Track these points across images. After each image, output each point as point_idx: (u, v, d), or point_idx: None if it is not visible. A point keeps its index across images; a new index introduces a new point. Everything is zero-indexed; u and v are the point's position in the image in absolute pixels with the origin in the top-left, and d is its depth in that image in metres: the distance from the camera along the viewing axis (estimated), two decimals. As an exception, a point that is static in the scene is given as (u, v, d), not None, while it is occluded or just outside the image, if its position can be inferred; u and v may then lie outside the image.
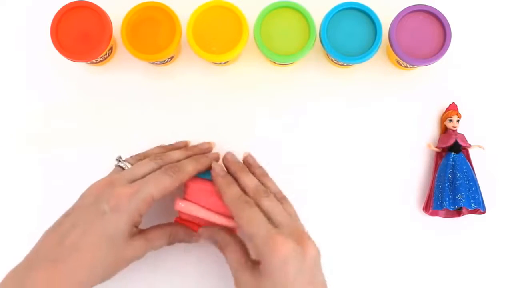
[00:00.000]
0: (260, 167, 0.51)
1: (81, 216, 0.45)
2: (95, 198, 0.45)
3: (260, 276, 0.44)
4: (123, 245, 0.45)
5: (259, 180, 0.49)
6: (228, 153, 0.51)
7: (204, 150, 0.54)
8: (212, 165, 0.50)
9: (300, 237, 0.44)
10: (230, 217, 0.48)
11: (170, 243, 0.49)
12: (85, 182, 0.55)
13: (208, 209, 0.49)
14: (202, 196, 0.49)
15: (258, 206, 0.46)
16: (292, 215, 0.48)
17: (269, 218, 0.45)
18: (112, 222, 0.44)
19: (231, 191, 0.47)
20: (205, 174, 0.50)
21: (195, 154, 0.52)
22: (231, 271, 0.46)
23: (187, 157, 0.50)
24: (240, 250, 0.47)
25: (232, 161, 0.51)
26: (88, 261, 0.43)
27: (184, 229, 0.50)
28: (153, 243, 0.48)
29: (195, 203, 0.49)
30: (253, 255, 0.46)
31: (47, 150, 0.57)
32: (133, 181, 0.46)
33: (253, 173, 0.50)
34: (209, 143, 0.55)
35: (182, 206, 0.48)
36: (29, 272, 0.43)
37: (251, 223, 0.44)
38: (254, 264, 0.45)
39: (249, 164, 0.51)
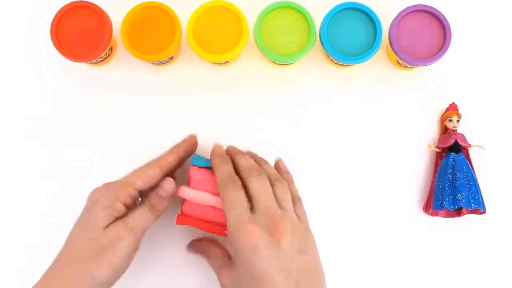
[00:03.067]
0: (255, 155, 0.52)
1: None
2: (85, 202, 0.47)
3: (235, 268, 0.44)
4: (101, 232, 0.44)
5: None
6: (216, 145, 0.51)
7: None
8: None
9: (274, 226, 0.43)
10: None
11: (154, 214, 0.47)
12: (85, 181, 0.55)
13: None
14: (204, 186, 0.49)
15: (246, 186, 0.46)
16: (282, 198, 0.46)
17: (251, 200, 0.45)
18: (90, 212, 0.45)
19: (222, 170, 0.47)
20: (208, 163, 0.50)
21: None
22: (216, 275, 0.47)
23: None
24: (220, 254, 0.48)
25: (223, 149, 0.50)
26: (72, 256, 0.44)
27: (156, 192, 0.47)
28: (134, 219, 0.45)
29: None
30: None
31: (47, 150, 0.57)
32: None
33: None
34: (188, 136, 0.53)
35: (184, 191, 0.48)
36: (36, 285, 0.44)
37: (229, 205, 0.45)
38: (233, 264, 0.45)
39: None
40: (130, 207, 0.46)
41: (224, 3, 0.53)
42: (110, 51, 0.56)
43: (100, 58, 0.55)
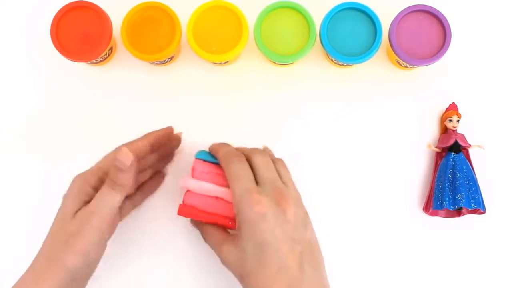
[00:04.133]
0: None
1: None
2: None
3: (239, 237, 0.44)
4: (70, 219, 0.45)
5: None
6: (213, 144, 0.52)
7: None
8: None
9: (280, 196, 0.44)
10: None
11: (116, 189, 0.45)
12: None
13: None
14: (209, 178, 0.49)
15: (250, 162, 0.47)
16: (283, 175, 0.48)
17: (255, 174, 0.46)
18: (63, 202, 0.47)
19: (225, 148, 0.48)
20: (212, 158, 0.50)
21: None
22: (216, 253, 0.47)
23: None
24: (218, 231, 0.47)
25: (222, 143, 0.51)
26: (46, 247, 0.45)
27: (113, 165, 0.45)
28: (96, 201, 0.45)
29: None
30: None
31: (47, 150, 0.57)
32: None
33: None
34: (166, 127, 0.52)
35: (187, 181, 0.48)
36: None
37: (234, 177, 0.45)
38: (235, 236, 0.45)
39: None
40: None
41: (224, 3, 0.53)
42: (110, 51, 0.56)
43: (100, 58, 0.55)
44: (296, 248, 0.43)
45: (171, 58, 0.56)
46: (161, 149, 0.52)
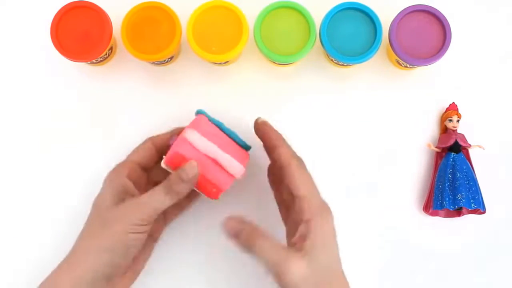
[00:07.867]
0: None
1: None
2: None
3: (309, 253, 0.41)
4: (108, 206, 0.46)
5: None
6: (260, 120, 0.50)
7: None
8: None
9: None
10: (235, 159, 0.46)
11: (169, 194, 0.45)
12: (84, 181, 0.55)
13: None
14: (213, 139, 0.46)
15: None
16: None
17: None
18: (100, 192, 0.48)
19: (289, 148, 0.48)
20: (218, 122, 0.49)
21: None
22: (270, 268, 0.41)
23: None
24: (277, 246, 0.42)
25: (271, 128, 0.50)
26: (83, 234, 0.47)
27: (176, 172, 0.45)
28: (146, 196, 0.45)
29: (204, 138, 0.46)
30: (304, 215, 0.43)
31: (47, 150, 0.57)
32: None
33: None
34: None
35: (190, 132, 0.46)
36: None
37: (311, 184, 0.46)
38: (300, 252, 0.42)
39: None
40: (138, 184, 0.49)
41: (224, 3, 0.53)
42: (110, 51, 0.56)
43: (100, 58, 0.55)
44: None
45: (171, 58, 0.56)
46: None
